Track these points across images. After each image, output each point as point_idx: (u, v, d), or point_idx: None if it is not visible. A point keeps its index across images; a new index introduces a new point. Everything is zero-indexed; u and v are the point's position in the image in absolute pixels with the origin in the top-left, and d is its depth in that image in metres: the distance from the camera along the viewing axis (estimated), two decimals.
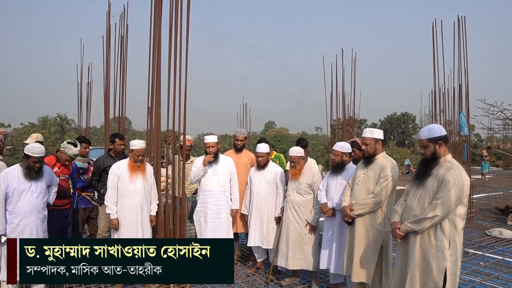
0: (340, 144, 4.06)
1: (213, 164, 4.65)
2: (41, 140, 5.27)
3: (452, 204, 2.65)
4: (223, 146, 38.50)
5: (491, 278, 4.72)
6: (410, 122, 47.33)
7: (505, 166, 27.88)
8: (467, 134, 8.46)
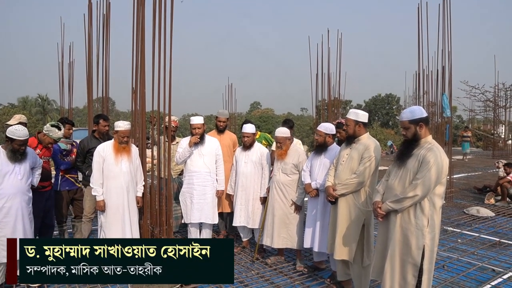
0: (324, 125, 4.09)
1: (199, 145, 4.66)
2: (24, 121, 5.16)
3: (432, 184, 2.73)
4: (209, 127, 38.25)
5: (468, 254, 4.92)
6: (394, 103, 47.86)
7: (485, 147, 28.54)
8: (449, 115, 8.63)
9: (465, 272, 4.32)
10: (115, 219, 4.16)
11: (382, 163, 3.53)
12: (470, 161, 18.50)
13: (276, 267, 4.38)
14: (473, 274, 4.26)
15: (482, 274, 4.27)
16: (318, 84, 8.93)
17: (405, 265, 2.82)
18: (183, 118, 41.84)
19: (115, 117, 36.58)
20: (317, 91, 8.98)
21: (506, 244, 5.39)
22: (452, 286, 3.94)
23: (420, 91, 8.76)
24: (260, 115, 49.41)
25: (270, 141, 5.55)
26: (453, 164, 10.14)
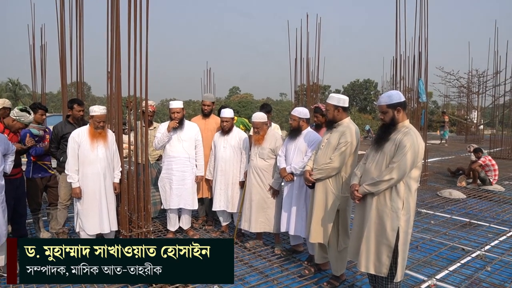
0: (298, 109, 4.06)
1: (178, 130, 4.62)
2: (8, 106, 4.83)
3: (408, 167, 2.79)
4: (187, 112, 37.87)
5: (440, 235, 5.10)
6: (372, 89, 48.40)
7: (459, 132, 29.34)
8: (425, 101, 8.80)
9: (437, 251, 4.47)
10: (92, 206, 4.11)
11: (360, 147, 3.55)
12: (444, 145, 19.01)
13: (255, 251, 4.43)
14: (444, 254, 4.42)
15: (453, 253, 4.43)
16: (297, 69, 8.94)
17: (380, 246, 2.89)
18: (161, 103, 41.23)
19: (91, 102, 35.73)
20: (296, 76, 8.99)
21: (476, 224, 5.61)
22: (425, 265, 4.08)
23: (397, 77, 8.89)
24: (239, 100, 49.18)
25: (248, 126, 5.54)
26: (428, 148, 10.40)
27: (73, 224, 4.41)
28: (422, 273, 3.88)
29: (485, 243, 4.80)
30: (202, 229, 5.24)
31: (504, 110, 18.60)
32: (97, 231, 4.14)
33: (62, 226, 4.66)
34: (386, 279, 2.95)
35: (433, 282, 3.65)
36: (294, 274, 3.83)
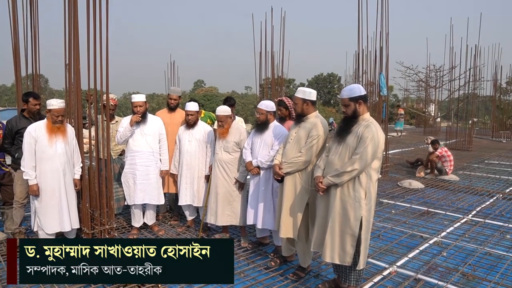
0: (264, 103, 4.05)
1: (140, 124, 4.52)
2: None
3: (369, 158, 2.87)
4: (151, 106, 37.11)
5: (400, 223, 5.30)
6: (336, 83, 49.32)
7: (417, 124, 30.48)
8: (386, 94, 9.06)
9: (397, 240, 4.65)
10: (51, 204, 3.95)
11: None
12: (404, 137, 19.71)
13: None
14: (404, 242, 4.60)
15: (412, 241, 4.62)
16: (262, 63, 8.96)
17: (344, 236, 2.97)
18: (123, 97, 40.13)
19: (49, 95, 34.21)
20: (261, 70, 9.01)
21: (433, 212, 5.87)
22: (386, 253, 4.23)
23: (360, 71, 9.10)
24: (204, 94, 48.69)
25: (215, 119, 5.51)
26: (389, 140, 10.75)
27: (31, 223, 4.23)
28: (383, 260, 4.02)
29: (442, 230, 5.04)
30: (167, 224, 5.18)
31: (459, 104, 19.50)
32: (57, 229, 3.99)
33: (18, 225, 4.45)
34: (350, 268, 3.04)
35: (394, 269, 3.79)
36: (260, 266, 3.86)
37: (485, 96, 24.89)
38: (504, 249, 4.41)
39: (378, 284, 3.52)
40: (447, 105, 27.46)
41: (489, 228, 5.16)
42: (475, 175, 9.29)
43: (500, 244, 4.56)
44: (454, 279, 3.62)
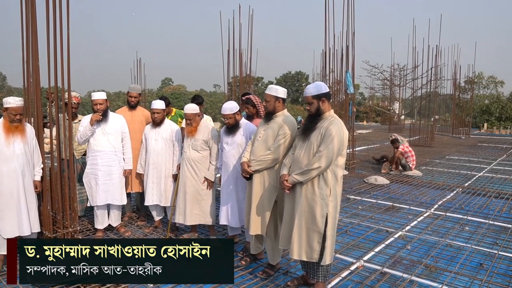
0: (228, 107, 3.94)
1: (102, 123, 4.39)
2: None
3: (334, 155, 2.91)
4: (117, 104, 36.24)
5: (367, 219, 5.42)
6: (304, 81, 49.95)
7: (383, 122, 31.34)
8: (352, 92, 9.24)
9: (364, 235, 4.75)
10: (9, 206, 3.76)
11: None
12: (370, 134, 20.20)
13: None
14: (371, 236, 4.71)
15: (378, 235, 4.74)
16: (230, 61, 8.92)
17: (311, 233, 2.99)
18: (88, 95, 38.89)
19: (7, 93, 32.70)
20: (229, 68, 8.97)
21: (398, 207, 6.04)
22: (354, 248, 4.31)
23: (327, 69, 9.23)
24: (172, 92, 48.07)
25: None
26: (355, 137, 10.97)
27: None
28: (351, 255, 4.09)
29: (406, 224, 5.20)
30: (134, 225, 5.06)
31: (422, 102, 20.18)
32: (15, 233, 3.81)
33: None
34: (317, 264, 3.08)
35: (361, 263, 3.87)
36: None
37: (446, 94, 25.91)
38: (463, 240, 4.60)
39: (346, 278, 3.58)
40: (411, 103, 28.39)
41: (450, 221, 5.36)
42: (437, 170, 9.65)
43: (459, 236, 4.75)
44: (418, 271, 3.73)
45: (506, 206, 6.23)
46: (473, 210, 5.95)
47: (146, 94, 13.91)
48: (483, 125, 28.52)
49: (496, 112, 30.61)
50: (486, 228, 5.06)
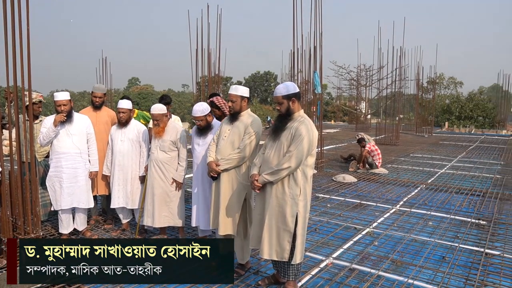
0: (199, 109, 3.89)
1: (66, 124, 4.24)
2: None
3: (304, 155, 2.94)
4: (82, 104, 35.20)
5: (335, 216, 5.51)
6: (272, 81, 50.26)
7: (350, 121, 32.01)
8: (320, 92, 9.38)
9: (333, 232, 4.83)
10: None
11: (262, 137, 3.65)
12: (338, 134, 20.58)
13: None
14: (339, 234, 4.79)
15: (347, 233, 4.83)
16: (198, 60, 8.84)
17: (281, 233, 3.01)
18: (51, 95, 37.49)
19: None
20: (198, 67, 8.89)
21: (365, 204, 6.18)
22: (323, 246, 4.37)
23: (295, 69, 9.33)
24: (139, 92, 47.16)
25: (149, 119, 5.33)
26: (324, 136, 11.15)
27: None
28: (320, 253, 4.15)
29: (373, 220, 5.32)
30: (101, 228, 4.92)
31: (387, 101, 20.78)
32: None
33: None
34: (288, 263, 3.09)
35: (330, 260, 3.93)
36: None
37: (410, 94, 26.79)
38: (427, 235, 4.77)
39: (316, 276, 3.62)
40: (377, 102, 29.17)
41: (415, 217, 5.54)
42: (402, 168, 9.95)
43: (424, 231, 4.92)
44: (384, 266, 3.83)
45: (466, 201, 6.52)
46: (436, 205, 6.17)
47: (112, 94, 13.58)
48: (444, 123, 29.71)
49: (456, 112, 31.94)
50: (448, 223, 5.26)
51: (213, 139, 3.69)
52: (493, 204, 6.32)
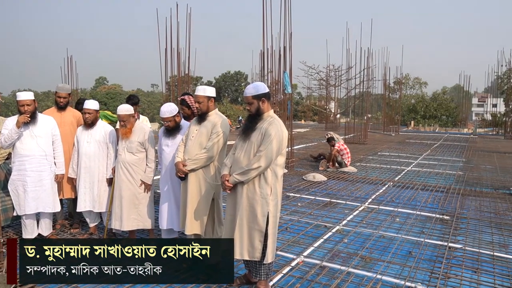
0: (167, 110, 3.86)
1: (30, 125, 4.07)
2: None
3: (274, 155, 2.96)
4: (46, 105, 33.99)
5: (306, 215, 5.57)
6: (243, 81, 50.29)
7: (319, 121, 32.48)
8: (290, 92, 9.46)
9: (304, 231, 4.87)
10: None
11: (231, 137, 3.64)
12: (308, 133, 20.83)
13: None
14: (310, 232, 4.84)
15: (317, 231, 4.89)
16: (167, 59, 8.72)
17: (252, 232, 3.01)
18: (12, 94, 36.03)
19: None
20: (167, 67, 8.77)
21: (335, 203, 6.28)
22: (294, 245, 4.41)
23: (265, 69, 9.37)
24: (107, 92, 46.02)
25: (112, 118, 5.20)
26: (294, 136, 11.26)
27: None
28: (291, 252, 4.18)
29: (343, 218, 5.42)
30: (67, 233, 4.76)
31: (355, 101, 21.21)
32: None
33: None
34: (260, 262, 3.10)
35: (301, 259, 3.97)
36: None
37: (377, 94, 27.48)
38: (395, 231, 4.90)
39: (287, 275, 3.65)
40: (346, 102, 29.73)
41: (383, 214, 5.69)
42: (370, 166, 10.19)
43: (391, 227, 5.05)
44: (354, 262, 3.90)
45: (431, 197, 6.75)
46: (403, 202, 6.36)
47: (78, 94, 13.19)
48: (410, 122, 30.65)
49: (421, 111, 33.03)
50: (414, 219, 5.43)
51: (182, 140, 3.68)
52: (456, 199, 6.58)
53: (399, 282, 3.48)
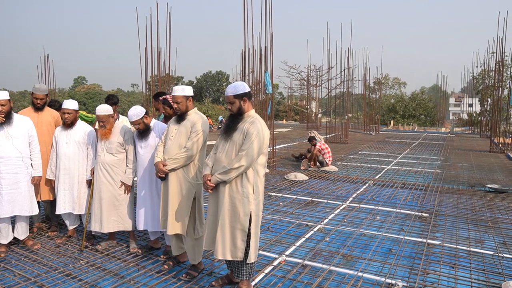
0: (133, 114, 3.81)
1: (4, 126, 3.96)
2: None
3: (255, 154, 2.96)
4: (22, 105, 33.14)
5: (288, 214, 5.59)
6: (224, 80, 50.20)
7: (301, 120, 32.68)
8: (271, 92, 9.49)
9: (286, 230, 4.89)
10: None
11: (214, 137, 3.62)
12: (289, 133, 20.93)
13: (108, 253, 4.13)
14: (292, 231, 4.87)
15: (299, 230, 4.92)
16: (148, 59, 8.62)
17: (234, 232, 3.00)
18: None
19: None
20: (147, 66, 8.67)
21: (317, 202, 6.33)
22: (276, 244, 4.42)
23: (246, 69, 9.36)
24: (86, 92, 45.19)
25: (87, 118, 5.10)
26: (275, 135, 11.29)
27: None
28: (273, 251, 4.19)
29: (324, 217, 5.46)
30: (45, 236, 4.65)
31: (336, 101, 21.43)
32: None
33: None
34: (242, 262, 3.09)
35: (283, 258, 3.98)
36: (152, 271, 3.70)
37: (358, 94, 27.84)
38: (375, 229, 4.97)
39: (270, 274, 3.65)
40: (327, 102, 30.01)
41: (363, 212, 5.76)
42: (351, 165, 10.31)
43: (372, 225, 5.13)
44: (336, 261, 3.94)
45: (410, 195, 6.88)
46: (383, 200, 6.46)
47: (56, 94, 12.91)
48: (390, 122, 31.16)
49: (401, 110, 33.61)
50: (394, 216, 5.52)
51: (161, 139, 3.65)
52: (434, 197, 6.73)
53: (380, 279, 3.53)
